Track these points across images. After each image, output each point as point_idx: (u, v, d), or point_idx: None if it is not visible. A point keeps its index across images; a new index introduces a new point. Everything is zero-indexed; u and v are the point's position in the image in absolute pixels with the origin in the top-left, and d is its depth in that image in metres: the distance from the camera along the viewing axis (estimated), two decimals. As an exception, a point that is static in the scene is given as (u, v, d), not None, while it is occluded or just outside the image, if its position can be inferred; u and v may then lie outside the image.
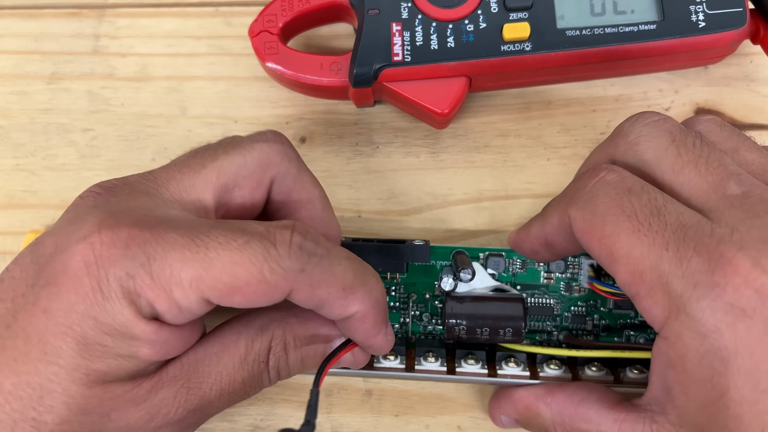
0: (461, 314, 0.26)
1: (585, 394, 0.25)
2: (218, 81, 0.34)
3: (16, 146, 0.33)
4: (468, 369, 0.27)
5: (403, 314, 0.29)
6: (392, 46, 0.30)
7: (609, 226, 0.22)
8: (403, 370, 0.27)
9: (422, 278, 0.29)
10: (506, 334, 0.26)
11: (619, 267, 0.22)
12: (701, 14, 0.30)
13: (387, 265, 0.28)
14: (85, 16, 0.35)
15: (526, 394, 0.26)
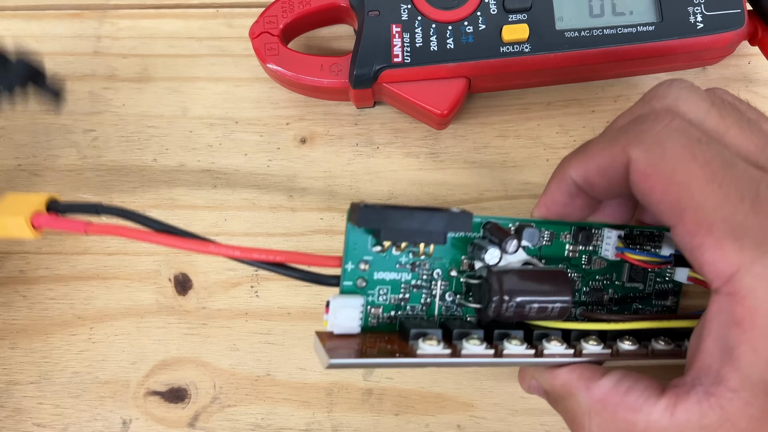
0: (511, 290, 0.24)
1: (631, 383, 0.23)
2: (219, 82, 0.34)
3: (17, 147, 0.33)
4: (513, 350, 0.24)
5: (425, 294, 0.26)
6: (392, 48, 0.30)
7: (680, 173, 0.21)
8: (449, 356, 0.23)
9: (449, 252, 0.26)
10: (553, 311, 0.24)
11: (686, 216, 0.21)
12: (699, 15, 0.30)
13: (426, 234, 0.24)
14: (86, 17, 0.35)
15: (568, 371, 0.24)
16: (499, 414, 0.30)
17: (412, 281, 0.25)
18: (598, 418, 0.23)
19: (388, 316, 0.25)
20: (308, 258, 0.23)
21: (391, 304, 0.25)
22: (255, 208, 0.32)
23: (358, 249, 0.24)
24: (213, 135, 0.33)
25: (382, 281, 0.25)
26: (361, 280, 0.24)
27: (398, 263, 0.25)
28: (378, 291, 0.25)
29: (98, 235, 0.23)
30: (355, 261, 0.24)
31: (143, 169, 0.33)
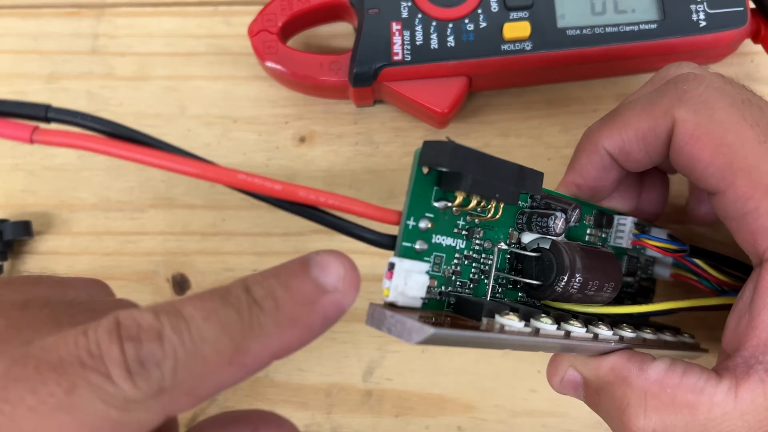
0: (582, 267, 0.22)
1: (685, 366, 0.22)
2: (217, 80, 0.34)
3: (14, 146, 0.33)
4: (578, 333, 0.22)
5: (475, 268, 0.22)
6: (392, 46, 0.30)
7: (730, 134, 0.20)
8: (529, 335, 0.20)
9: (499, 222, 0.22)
10: (607, 290, 0.23)
11: (738, 179, 0.20)
12: (702, 13, 0.30)
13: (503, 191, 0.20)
14: (83, 15, 0.35)
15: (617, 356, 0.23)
16: (499, 415, 0.30)
17: (465, 251, 0.22)
18: (655, 401, 0.21)
19: (439, 292, 0.21)
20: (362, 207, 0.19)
21: (444, 277, 0.21)
22: (254, 208, 0.32)
23: (422, 203, 0.20)
24: (211, 134, 0.33)
25: (438, 247, 0.21)
26: (421, 242, 0.20)
27: (456, 227, 0.21)
28: (434, 259, 0.21)
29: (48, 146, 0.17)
30: (417, 217, 0.20)
31: (140, 168, 0.33)
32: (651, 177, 0.28)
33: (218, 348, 0.16)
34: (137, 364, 0.15)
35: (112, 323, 0.15)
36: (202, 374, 0.16)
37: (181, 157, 0.17)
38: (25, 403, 0.14)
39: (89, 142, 0.17)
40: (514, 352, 0.31)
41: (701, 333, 0.29)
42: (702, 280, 0.27)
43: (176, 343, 0.15)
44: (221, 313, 0.16)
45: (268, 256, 0.32)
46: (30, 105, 0.17)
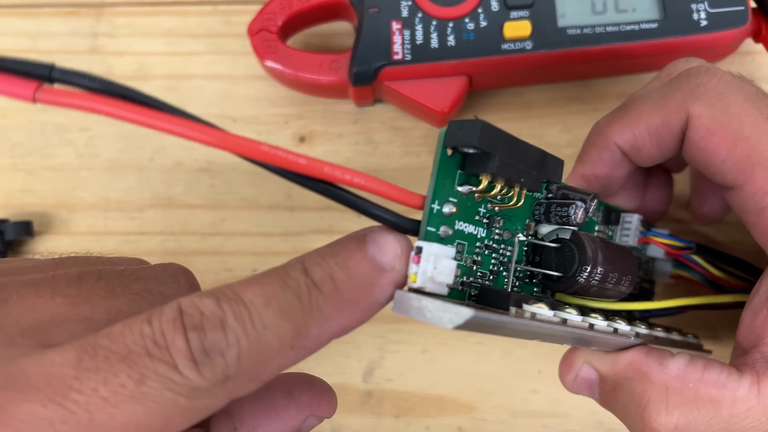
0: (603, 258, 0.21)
1: (706, 361, 0.22)
2: (217, 80, 0.34)
3: (13, 146, 0.33)
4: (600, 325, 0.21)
5: (495, 258, 0.21)
6: (392, 45, 0.30)
7: (747, 127, 0.20)
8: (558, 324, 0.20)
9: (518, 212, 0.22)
10: (624, 283, 0.22)
11: (757, 172, 0.20)
12: (703, 13, 0.30)
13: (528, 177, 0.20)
14: (83, 14, 0.35)
15: (635, 351, 0.22)
16: (500, 416, 0.30)
17: (485, 240, 0.21)
18: (677, 396, 0.21)
19: (461, 282, 0.20)
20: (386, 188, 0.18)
21: (466, 266, 0.20)
22: (253, 208, 0.32)
23: (446, 186, 0.19)
24: (211, 133, 0.33)
25: (461, 234, 0.20)
26: (446, 228, 0.19)
27: (477, 214, 0.20)
28: (457, 246, 0.20)
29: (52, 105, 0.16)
30: (442, 201, 0.19)
31: (140, 168, 0.33)
32: (656, 176, 0.28)
33: (280, 334, 0.16)
34: (202, 353, 0.15)
35: (176, 311, 0.16)
36: (265, 360, 0.16)
37: (197, 123, 0.16)
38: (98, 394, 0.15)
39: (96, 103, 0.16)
40: (514, 352, 0.30)
41: (702, 333, 0.29)
42: (702, 279, 0.27)
43: (239, 331, 0.16)
44: (282, 299, 0.16)
45: (268, 256, 0.31)
46: (33, 63, 0.16)
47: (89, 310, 0.17)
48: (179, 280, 0.19)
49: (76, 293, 0.17)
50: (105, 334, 0.16)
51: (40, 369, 0.15)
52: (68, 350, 0.15)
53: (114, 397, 0.15)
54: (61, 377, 0.15)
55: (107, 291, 0.18)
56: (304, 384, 0.20)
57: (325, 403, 0.20)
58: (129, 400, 0.15)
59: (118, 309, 0.17)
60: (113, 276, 0.18)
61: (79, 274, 0.18)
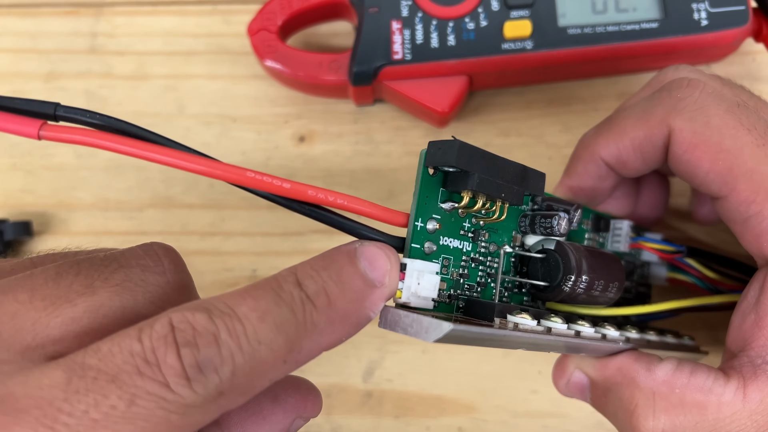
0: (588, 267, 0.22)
1: (693, 366, 0.22)
2: (216, 79, 0.34)
3: (12, 145, 0.33)
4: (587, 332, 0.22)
5: (482, 271, 0.22)
6: (392, 44, 0.30)
7: (728, 139, 0.20)
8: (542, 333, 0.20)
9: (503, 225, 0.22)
10: (611, 290, 0.23)
11: (739, 184, 0.20)
12: (703, 12, 0.30)
13: (509, 191, 0.20)
14: (82, 14, 0.35)
15: (624, 356, 0.23)
16: (500, 416, 0.30)
17: (471, 253, 0.21)
18: (664, 402, 0.22)
19: (448, 295, 0.21)
20: (371, 208, 0.19)
21: (453, 279, 0.21)
22: (253, 208, 0.32)
23: (429, 204, 0.20)
24: (210, 133, 0.33)
25: (446, 249, 0.21)
26: (430, 244, 0.20)
27: (462, 229, 0.21)
28: (442, 261, 0.21)
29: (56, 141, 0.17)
30: (425, 218, 0.20)
31: (139, 168, 0.32)
32: (650, 180, 0.28)
33: (274, 349, 0.16)
34: (196, 370, 0.15)
35: (167, 327, 0.15)
36: (259, 375, 0.16)
37: (188, 154, 0.17)
38: (88, 416, 0.14)
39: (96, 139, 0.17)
40: (515, 352, 0.30)
41: (703, 334, 0.29)
42: (696, 281, 0.27)
43: (233, 347, 0.15)
44: (276, 313, 0.16)
45: (268, 255, 0.31)
46: (39, 102, 0.17)
47: (71, 310, 0.17)
48: (162, 262, 0.18)
49: (55, 294, 0.17)
50: (93, 353, 0.15)
51: (27, 391, 0.15)
52: (56, 371, 0.15)
53: (105, 419, 0.14)
54: (50, 400, 0.15)
55: (86, 287, 0.17)
56: (290, 387, 0.20)
57: (311, 404, 0.20)
58: (120, 421, 0.15)
59: (99, 305, 0.17)
60: (92, 268, 0.17)
61: (57, 270, 0.17)
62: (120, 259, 0.18)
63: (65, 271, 0.17)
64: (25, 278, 0.17)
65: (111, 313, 0.17)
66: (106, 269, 0.17)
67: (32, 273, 0.17)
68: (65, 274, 0.17)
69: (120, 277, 0.17)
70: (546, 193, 0.23)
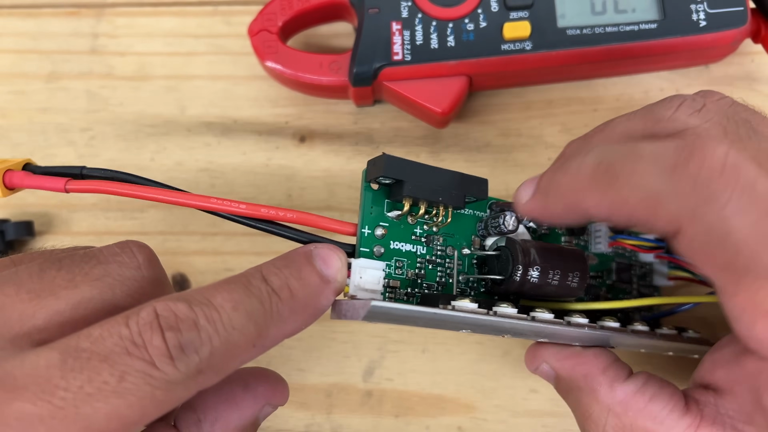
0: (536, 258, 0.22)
1: (656, 390, 0.22)
2: (217, 80, 0.34)
3: (14, 146, 0.33)
4: (544, 317, 0.22)
5: (440, 272, 0.24)
6: (392, 45, 0.30)
7: (744, 256, 0.18)
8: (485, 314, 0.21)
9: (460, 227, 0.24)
10: (573, 280, 0.23)
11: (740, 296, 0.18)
12: (702, 13, 0.30)
13: (447, 195, 0.23)
14: (83, 15, 0.35)
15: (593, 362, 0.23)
16: (500, 415, 0.30)
17: (427, 255, 0.24)
18: (615, 420, 0.22)
19: (405, 293, 0.23)
20: (322, 220, 0.22)
21: (408, 279, 0.23)
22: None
23: (374, 213, 0.23)
24: (211, 133, 0.33)
25: (398, 252, 0.23)
26: (378, 247, 0.23)
27: (413, 234, 0.24)
28: (395, 263, 0.23)
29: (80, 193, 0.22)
30: (371, 226, 0.23)
31: (141, 168, 0.33)
32: None
33: (245, 333, 0.18)
34: (178, 350, 0.17)
35: (151, 314, 0.17)
36: (232, 356, 0.18)
37: (165, 190, 0.22)
38: (83, 391, 0.16)
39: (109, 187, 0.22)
40: (514, 351, 0.30)
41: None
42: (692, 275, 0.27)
43: (211, 331, 0.18)
44: (247, 303, 0.18)
45: (268, 255, 0.31)
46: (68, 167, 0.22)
47: (55, 303, 0.18)
48: (137, 258, 0.20)
49: (39, 287, 0.18)
50: (86, 337, 0.17)
51: (25, 371, 0.16)
52: (52, 352, 0.17)
53: (98, 393, 0.16)
54: (47, 377, 0.16)
55: (68, 281, 0.19)
56: (260, 377, 0.22)
57: (279, 393, 0.22)
58: (112, 395, 0.16)
59: (81, 298, 0.18)
60: (73, 264, 0.19)
61: (40, 266, 0.19)
62: (98, 256, 0.20)
63: (48, 267, 0.19)
64: (10, 274, 0.19)
65: (91, 305, 0.19)
66: (86, 265, 0.19)
67: (17, 269, 0.19)
68: (48, 270, 0.19)
69: (99, 272, 0.19)
70: (499, 199, 0.25)
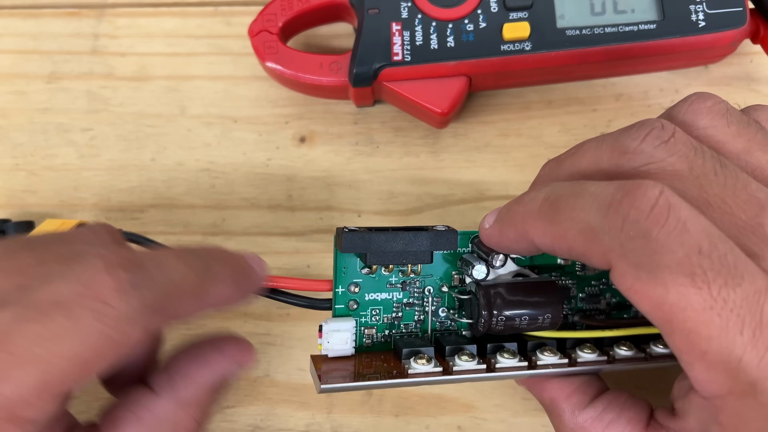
0: (499, 304, 0.24)
1: (615, 415, 0.23)
2: (218, 80, 0.34)
3: (15, 146, 0.33)
4: (506, 363, 0.24)
5: (418, 311, 0.26)
6: (392, 46, 0.30)
7: (673, 295, 0.18)
8: (440, 374, 0.23)
9: (439, 269, 0.26)
10: (545, 321, 0.24)
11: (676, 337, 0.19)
12: (701, 14, 0.30)
13: (411, 255, 0.24)
14: (84, 15, 0.35)
15: (557, 388, 0.24)
16: (500, 415, 0.30)
17: (404, 300, 0.26)
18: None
19: (382, 336, 0.26)
20: (299, 283, 0.25)
21: (385, 323, 0.26)
22: (254, 208, 0.32)
23: (347, 272, 0.25)
24: (211, 134, 0.33)
25: (374, 302, 0.26)
26: (352, 303, 0.25)
27: (389, 283, 0.26)
28: (370, 312, 0.26)
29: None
30: (345, 284, 0.25)
31: (141, 168, 0.33)
32: None
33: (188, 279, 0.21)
34: (129, 285, 0.19)
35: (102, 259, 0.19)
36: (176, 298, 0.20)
37: None
38: (39, 335, 0.18)
39: None
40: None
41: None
42: None
43: (156, 273, 0.20)
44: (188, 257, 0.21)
45: (269, 255, 0.32)
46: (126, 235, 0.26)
47: (21, 279, 0.19)
48: (104, 236, 0.22)
49: (7, 265, 0.20)
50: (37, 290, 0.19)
51: None
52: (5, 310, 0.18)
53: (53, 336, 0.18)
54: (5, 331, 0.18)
55: (36, 259, 0.20)
56: (227, 339, 0.24)
57: (245, 352, 0.24)
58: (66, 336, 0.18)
59: (47, 273, 0.20)
60: (40, 245, 0.21)
61: (8, 248, 0.21)
62: (65, 237, 0.22)
63: (17, 248, 0.21)
64: None
65: None
66: (53, 244, 0.21)
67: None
68: (17, 251, 0.20)
69: (65, 250, 0.21)
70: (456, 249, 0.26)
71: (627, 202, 0.19)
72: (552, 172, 0.23)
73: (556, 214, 0.20)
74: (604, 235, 0.19)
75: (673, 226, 0.18)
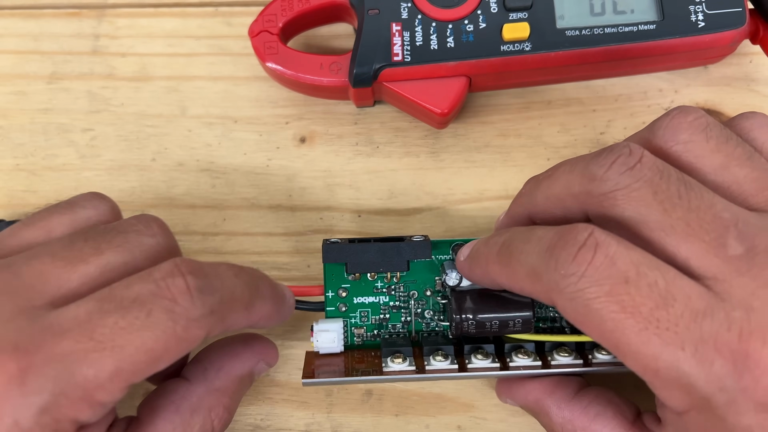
0: (469, 309, 0.25)
1: (601, 408, 0.24)
2: (218, 81, 0.34)
3: (15, 146, 0.33)
4: (479, 364, 0.26)
5: (404, 313, 0.28)
6: (392, 46, 0.30)
7: (609, 323, 0.19)
8: (414, 372, 0.25)
9: (423, 274, 0.28)
10: (515, 326, 0.25)
11: (628, 360, 0.20)
12: (701, 14, 0.30)
13: (388, 264, 0.27)
14: (84, 16, 0.35)
15: (539, 388, 0.25)
16: (499, 415, 0.30)
17: (390, 303, 0.28)
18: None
19: (371, 335, 0.28)
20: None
21: (373, 324, 0.28)
22: (254, 208, 0.32)
23: (335, 278, 0.28)
24: (212, 134, 0.33)
25: (362, 305, 0.28)
26: (342, 305, 0.28)
27: (375, 288, 0.28)
28: (359, 313, 0.28)
29: None
30: (334, 289, 0.28)
31: (142, 168, 0.33)
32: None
33: (244, 293, 0.23)
34: (197, 290, 0.21)
35: (172, 264, 0.21)
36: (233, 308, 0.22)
37: None
38: (118, 326, 0.20)
39: None
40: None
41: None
42: None
43: (217, 282, 0.22)
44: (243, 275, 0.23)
45: (269, 255, 0.32)
46: None
47: (85, 268, 0.21)
48: (152, 227, 0.23)
49: (70, 255, 0.22)
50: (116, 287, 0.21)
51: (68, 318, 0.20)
52: (89, 302, 0.20)
53: (130, 327, 0.20)
54: (88, 320, 0.20)
55: (95, 249, 0.22)
56: (256, 337, 0.27)
57: (272, 352, 0.27)
58: (141, 328, 0.20)
59: (107, 261, 0.22)
60: (97, 235, 0.22)
61: (70, 239, 0.22)
62: (118, 227, 0.23)
63: (76, 239, 0.22)
64: (46, 246, 0.22)
65: (117, 267, 0.22)
66: (108, 234, 0.23)
67: (50, 242, 0.22)
68: (77, 241, 0.22)
69: (120, 240, 0.22)
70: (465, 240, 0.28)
71: (560, 244, 0.20)
72: (531, 191, 0.25)
73: (509, 258, 0.22)
74: (544, 275, 0.21)
75: (600, 262, 0.20)
